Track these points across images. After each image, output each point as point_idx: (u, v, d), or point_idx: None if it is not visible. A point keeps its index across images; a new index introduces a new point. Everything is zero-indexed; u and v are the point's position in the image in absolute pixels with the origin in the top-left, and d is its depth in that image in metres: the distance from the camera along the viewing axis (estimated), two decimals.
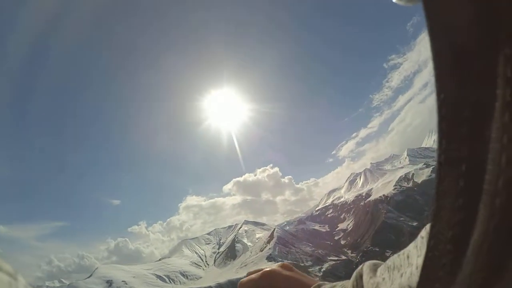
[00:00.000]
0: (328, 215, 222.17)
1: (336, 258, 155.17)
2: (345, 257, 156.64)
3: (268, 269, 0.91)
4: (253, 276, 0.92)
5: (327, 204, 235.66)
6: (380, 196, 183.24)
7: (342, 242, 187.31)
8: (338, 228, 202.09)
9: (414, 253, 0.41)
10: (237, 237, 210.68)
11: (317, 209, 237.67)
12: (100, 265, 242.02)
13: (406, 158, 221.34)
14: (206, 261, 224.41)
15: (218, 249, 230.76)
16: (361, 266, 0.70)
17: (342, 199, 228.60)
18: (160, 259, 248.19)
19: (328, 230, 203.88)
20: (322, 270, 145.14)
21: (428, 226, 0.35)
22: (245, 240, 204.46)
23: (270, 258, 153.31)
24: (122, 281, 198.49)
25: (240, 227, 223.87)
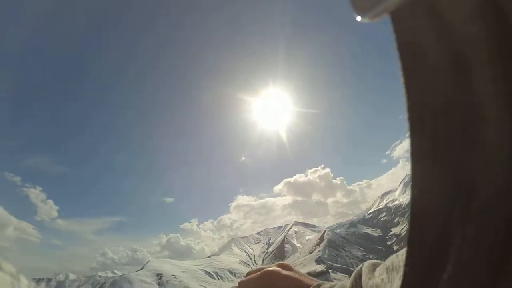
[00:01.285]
0: (381, 219, 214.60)
1: None
2: None
3: (267, 268, 0.91)
4: (252, 276, 0.92)
5: (380, 207, 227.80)
6: None
7: (395, 247, 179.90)
8: (391, 233, 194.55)
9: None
10: (286, 238, 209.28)
11: (369, 212, 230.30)
12: (152, 259, 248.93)
13: None
14: (254, 260, 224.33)
15: (267, 249, 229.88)
16: (360, 266, 0.70)
17: (396, 202, 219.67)
18: (209, 256, 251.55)
19: (381, 234, 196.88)
20: None
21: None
22: (294, 241, 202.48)
23: (319, 261, 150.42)
24: (172, 275, 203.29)
25: (290, 228, 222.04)
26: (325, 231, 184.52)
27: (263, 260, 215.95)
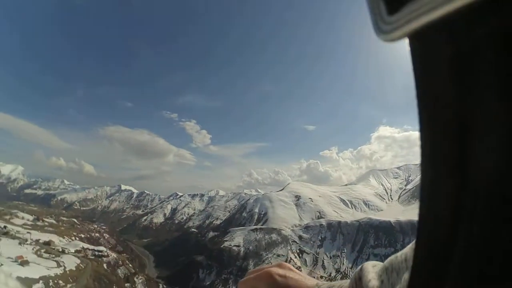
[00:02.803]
0: None
1: None
2: None
3: (267, 269, 0.92)
4: (252, 276, 0.93)
5: None
6: None
7: None
8: None
9: (412, 256, 0.42)
10: None
11: None
12: (292, 182, 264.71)
13: None
14: (390, 195, 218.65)
15: (405, 185, 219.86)
16: (360, 267, 0.70)
17: None
18: (346, 184, 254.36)
19: None
20: None
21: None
22: None
23: None
24: (309, 198, 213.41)
25: None
26: None
27: (399, 197, 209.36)
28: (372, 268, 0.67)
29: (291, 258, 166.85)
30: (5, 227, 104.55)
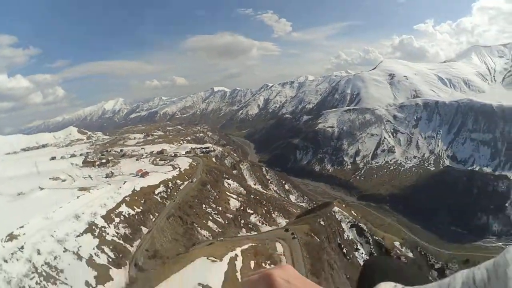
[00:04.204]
0: None
1: None
2: None
3: (268, 271, 0.93)
4: (252, 277, 0.94)
5: None
6: None
7: None
8: None
9: None
10: None
11: None
12: (384, 59, 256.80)
13: None
14: (493, 76, 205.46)
15: (511, 66, 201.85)
16: (376, 287, 0.66)
17: None
18: (444, 61, 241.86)
19: None
20: None
21: (458, 275, 0.33)
22: None
23: None
24: (404, 76, 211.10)
25: None
26: None
27: (503, 79, 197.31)
28: None
29: (385, 138, 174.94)
30: (121, 150, 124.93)
